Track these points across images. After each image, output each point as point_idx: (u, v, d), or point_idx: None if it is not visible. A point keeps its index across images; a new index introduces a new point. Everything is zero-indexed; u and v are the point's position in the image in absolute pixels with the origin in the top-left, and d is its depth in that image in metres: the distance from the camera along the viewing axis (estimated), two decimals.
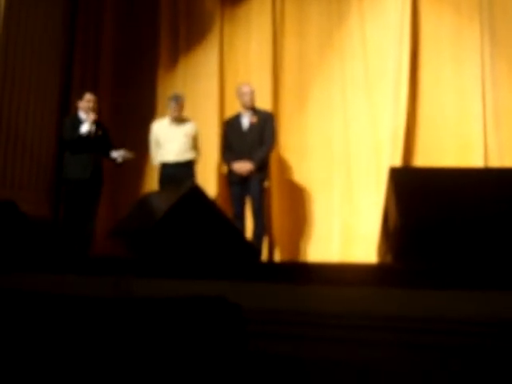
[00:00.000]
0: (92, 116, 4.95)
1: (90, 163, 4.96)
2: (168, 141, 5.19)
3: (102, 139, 5.08)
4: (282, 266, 3.27)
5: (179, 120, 5.24)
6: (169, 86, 6.32)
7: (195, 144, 5.26)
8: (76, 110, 5.17)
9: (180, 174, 5.04)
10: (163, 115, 6.10)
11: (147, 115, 6.29)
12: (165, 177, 5.15)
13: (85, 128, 4.92)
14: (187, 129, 5.24)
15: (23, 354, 1.52)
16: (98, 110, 5.21)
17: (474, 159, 4.87)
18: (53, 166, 5.86)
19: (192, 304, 1.60)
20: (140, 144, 5.64)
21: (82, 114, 5.06)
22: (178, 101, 5.23)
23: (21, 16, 5.69)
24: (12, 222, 3.94)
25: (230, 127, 5.18)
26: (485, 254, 2.29)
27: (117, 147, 5.18)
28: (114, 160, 5.15)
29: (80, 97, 5.14)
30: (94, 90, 5.86)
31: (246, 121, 5.09)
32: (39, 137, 5.82)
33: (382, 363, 1.78)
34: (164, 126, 5.29)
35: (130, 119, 6.37)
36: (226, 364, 1.50)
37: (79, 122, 5.00)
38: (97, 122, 5.05)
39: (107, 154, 5.14)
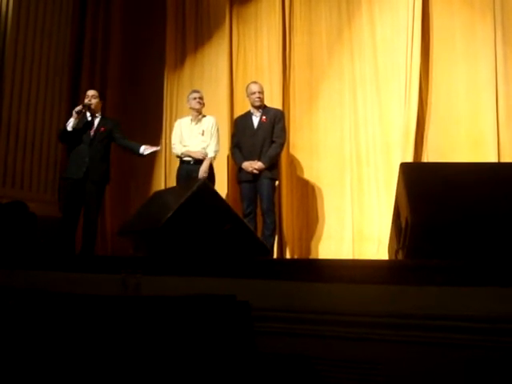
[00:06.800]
0: (76, 108, 4.85)
1: (85, 162, 4.87)
2: (187, 139, 5.19)
3: (106, 136, 5.01)
4: (292, 263, 3.25)
5: (199, 117, 5.23)
6: (176, 84, 6.33)
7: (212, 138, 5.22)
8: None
9: (197, 172, 5.02)
10: (170, 114, 6.08)
11: (154, 114, 6.31)
12: (182, 174, 5.14)
13: (70, 124, 4.84)
14: (204, 125, 5.22)
15: (30, 352, 1.52)
16: (100, 105, 5.15)
17: (486, 155, 4.80)
18: (61, 165, 5.89)
19: (201, 302, 1.59)
20: (147, 142, 5.63)
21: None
22: (200, 94, 5.25)
23: (30, 15, 5.72)
24: (22, 221, 3.95)
25: (240, 125, 5.16)
26: (498, 250, 2.25)
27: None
28: (137, 153, 5.06)
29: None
30: (102, 90, 5.88)
31: (256, 119, 5.07)
32: (48, 137, 5.86)
33: (394, 361, 1.75)
34: (186, 123, 5.29)
35: (137, 117, 6.38)
36: (234, 362, 1.48)
37: (83, 118, 4.96)
38: (102, 118, 5.05)
39: (129, 149, 5.10)
